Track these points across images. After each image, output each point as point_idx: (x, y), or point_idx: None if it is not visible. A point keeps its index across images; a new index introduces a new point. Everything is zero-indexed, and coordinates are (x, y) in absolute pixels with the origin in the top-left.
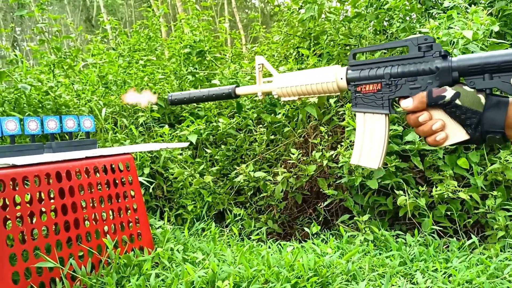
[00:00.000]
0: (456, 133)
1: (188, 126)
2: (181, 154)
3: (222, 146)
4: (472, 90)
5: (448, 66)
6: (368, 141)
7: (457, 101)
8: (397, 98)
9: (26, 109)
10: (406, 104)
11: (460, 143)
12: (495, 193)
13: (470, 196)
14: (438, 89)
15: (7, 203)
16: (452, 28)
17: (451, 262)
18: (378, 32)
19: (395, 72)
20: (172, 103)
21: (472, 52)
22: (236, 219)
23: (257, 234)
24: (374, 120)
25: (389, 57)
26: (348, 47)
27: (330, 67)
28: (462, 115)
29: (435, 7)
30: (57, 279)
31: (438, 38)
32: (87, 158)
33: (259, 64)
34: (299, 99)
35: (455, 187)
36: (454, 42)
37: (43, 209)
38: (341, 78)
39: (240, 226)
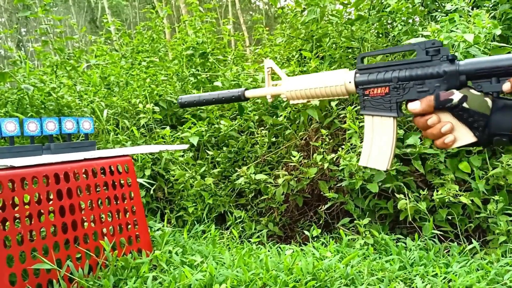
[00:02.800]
0: (464, 136)
1: (189, 128)
2: (182, 156)
3: (224, 148)
4: (479, 93)
5: (456, 69)
6: (377, 144)
7: (465, 104)
8: (404, 101)
9: (28, 110)
10: (414, 107)
11: (467, 146)
12: (496, 197)
13: (472, 200)
14: (445, 93)
15: (5, 204)
16: (453, 31)
17: (451, 267)
18: (380, 35)
19: (403, 76)
20: (182, 105)
21: (474, 56)
22: (237, 221)
23: (258, 237)
24: (382, 123)
25: (397, 60)
26: (350, 50)
27: (338, 70)
28: (470, 118)
29: (438, 10)
30: (54, 281)
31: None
32: (85, 159)
33: (268, 68)
34: (307, 101)
35: (457, 191)
36: (455, 45)
37: (41, 211)
38: (350, 82)
39: (240, 229)
